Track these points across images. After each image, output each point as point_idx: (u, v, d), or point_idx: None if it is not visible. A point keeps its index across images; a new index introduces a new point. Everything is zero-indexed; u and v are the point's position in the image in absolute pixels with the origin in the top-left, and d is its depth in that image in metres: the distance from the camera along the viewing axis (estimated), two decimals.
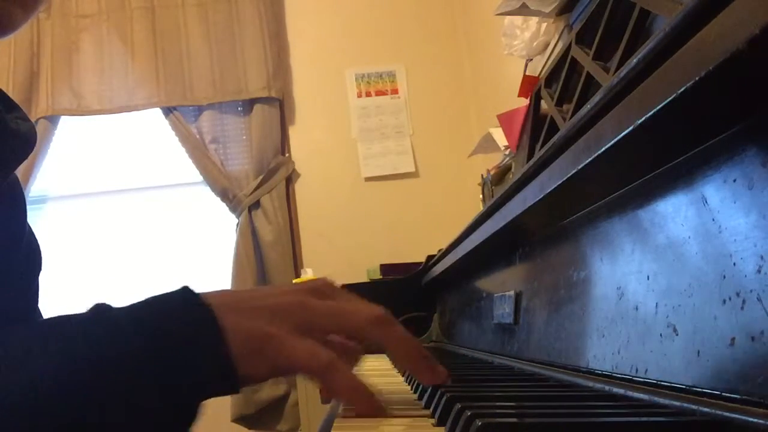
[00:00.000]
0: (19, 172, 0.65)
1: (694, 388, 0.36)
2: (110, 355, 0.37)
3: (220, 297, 0.42)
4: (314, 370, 0.42)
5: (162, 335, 0.38)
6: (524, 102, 1.25)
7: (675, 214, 0.40)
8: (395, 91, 2.92)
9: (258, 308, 0.43)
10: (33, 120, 2.65)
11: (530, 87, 1.15)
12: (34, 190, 2.74)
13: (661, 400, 0.39)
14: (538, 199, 0.57)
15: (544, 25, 1.49)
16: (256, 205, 2.79)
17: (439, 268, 1.32)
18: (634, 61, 0.39)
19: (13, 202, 0.63)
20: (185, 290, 0.42)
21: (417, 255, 1.89)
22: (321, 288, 0.47)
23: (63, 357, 0.36)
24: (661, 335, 0.40)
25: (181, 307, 0.40)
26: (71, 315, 0.40)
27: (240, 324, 0.41)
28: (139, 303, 0.41)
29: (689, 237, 0.38)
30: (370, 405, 0.44)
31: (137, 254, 2.82)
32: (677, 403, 0.37)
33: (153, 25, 2.82)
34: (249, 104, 2.84)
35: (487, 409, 0.37)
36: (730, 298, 0.33)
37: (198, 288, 0.42)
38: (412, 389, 0.61)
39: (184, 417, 0.39)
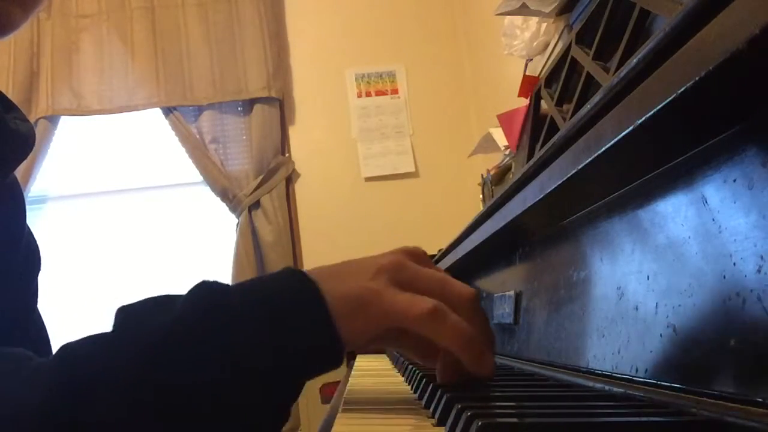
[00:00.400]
0: (19, 172, 0.66)
1: (694, 388, 0.36)
2: (219, 323, 0.37)
3: (321, 270, 0.44)
4: (418, 319, 0.42)
5: (271, 304, 0.39)
6: (524, 102, 1.25)
7: (675, 214, 0.40)
8: (395, 91, 2.92)
9: (358, 271, 0.44)
10: (33, 120, 2.65)
11: (530, 87, 1.15)
12: (34, 190, 2.74)
13: (661, 400, 0.39)
14: (538, 199, 0.57)
15: (544, 25, 1.49)
16: (256, 205, 2.79)
17: None
18: (634, 61, 0.39)
19: (12, 202, 0.63)
20: (287, 268, 0.43)
21: None
22: (418, 254, 0.48)
23: (170, 333, 0.37)
24: (661, 335, 0.40)
25: (286, 279, 0.41)
26: (179, 295, 0.41)
27: (341, 287, 0.42)
28: (245, 283, 0.42)
29: (689, 237, 0.38)
30: (479, 356, 0.43)
31: (137, 254, 2.82)
32: (677, 403, 0.37)
33: (153, 25, 2.82)
34: (249, 104, 2.84)
35: (487, 409, 0.37)
36: (730, 298, 0.33)
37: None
38: (412, 389, 0.61)
39: (289, 391, 0.39)
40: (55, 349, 0.72)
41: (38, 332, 0.68)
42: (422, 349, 0.50)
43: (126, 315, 0.39)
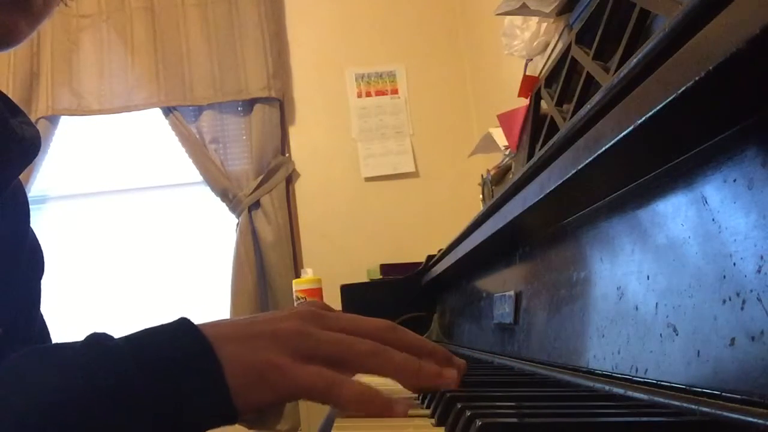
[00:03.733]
0: None
1: (694, 388, 0.36)
2: (106, 384, 0.36)
3: (218, 328, 0.42)
4: (319, 392, 0.42)
5: (159, 366, 0.38)
6: (524, 102, 1.25)
7: (675, 214, 0.40)
8: (395, 91, 2.92)
9: (257, 336, 0.42)
10: (33, 120, 2.65)
11: (530, 87, 1.15)
12: (34, 190, 2.74)
13: (661, 400, 0.39)
14: (538, 199, 0.57)
15: (544, 25, 1.49)
16: (256, 205, 2.79)
17: (439, 268, 1.32)
18: (634, 61, 0.39)
19: (16, 206, 0.63)
20: (183, 321, 0.41)
21: (417, 255, 1.89)
22: (318, 314, 0.46)
23: (58, 387, 0.36)
24: (661, 335, 0.40)
25: (179, 338, 0.40)
26: (68, 343, 0.39)
27: (239, 354, 0.40)
28: (136, 333, 0.40)
29: (689, 237, 0.38)
30: (385, 407, 0.43)
31: (137, 254, 2.82)
32: (677, 403, 0.37)
33: (153, 25, 2.82)
34: (249, 104, 2.84)
35: (487, 409, 0.37)
36: (730, 298, 0.33)
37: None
38: None
39: None
40: None
41: (40, 334, 0.69)
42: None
43: (8, 372, 0.37)
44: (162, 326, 0.41)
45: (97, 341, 0.39)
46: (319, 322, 0.45)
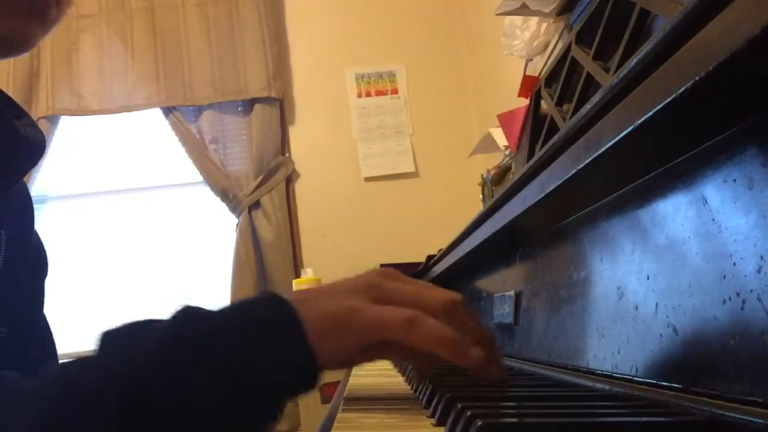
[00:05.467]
0: None
1: (694, 388, 0.36)
2: (204, 345, 0.38)
3: (301, 294, 0.45)
4: (395, 328, 0.43)
5: (250, 328, 0.40)
6: (524, 102, 1.25)
7: (675, 214, 0.40)
8: (395, 91, 2.92)
9: (336, 292, 0.45)
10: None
11: (530, 87, 1.15)
12: (34, 190, 2.74)
13: (661, 400, 0.39)
14: (538, 199, 0.57)
15: (544, 25, 1.49)
16: (256, 205, 2.79)
17: (439, 268, 1.32)
18: (634, 61, 0.39)
19: (22, 208, 0.64)
20: (270, 292, 0.44)
21: (417, 255, 1.89)
22: (392, 273, 0.49)
23: (154, 347, 0.38)
24: (661, 335, 0.40)
25: (265, 303, 0.42)
26: (159, 320, 0.41)
27: (319, 308, 0.43)
28: (227, 306, 0.43)
29: (689, 237, 0.38)
30: (464, 352, 0.43)
31: (137, 254, 2.82)
32: (677, 403, 0.37)
33: (153, 25, 2.82)
34: (249, 104, 2.84)
35: (487, 409, 0.37)
36: (730, 298, 0.33)
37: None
38: (411, 389, 0.61)
39: (267, 411, 0.40)
40: (57, 348, 0.72)
41: (44, 334, 0.69)
42: (410, 359, 0.52)
43: (111, 338, 0.40)
44: (251, 297, 0.44)
45: (191, 312, 0.41)
46: (391, 278, 0.48)
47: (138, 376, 0.36)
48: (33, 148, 0.60)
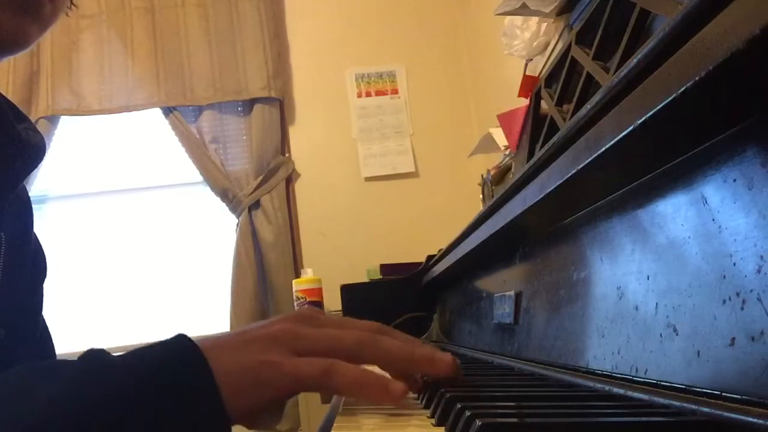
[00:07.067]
0: None
1: (694, 388, 0.36)
2: (100, 401, 0.36)
3: (212, 340, 0.43)
4: (316, 380, 0.42)
5: (150, 377, 0.38)
6: (524, 102, 1.25)
7: (675, 214, 0.40)
8: (395, 91, 2.92)
9: (250, 342, 0.43)
10: (33, 120, 2.65)
11: (530, 87, 1.15)
12: (34, 190, 2.74)
13: (661, 400, 0.39)
14: (538, 199, 0.57)
15: (544, 25, 1.49)
16: (256, 205, 2.79)
17: (439, 268, 1.32)
18: (634, 61, 0.39)
19: (22, 211, 0.64)
20: (179, 336, 0.42)
21: (417, 255, 1.89)
22: (308, 315, 0.47)
23: (54, 402, 0.36)
24: (661, 335, 0.40)
25: (173, 351, 0.40)
26: (65, 360, 0.40)
27: (233, 360, 0.41)
28: (133, 350, 0.41)
29: (689, 237, 0.38)
30: (385, 390, 0.43)
31: (137, 254, 2.82)
32: (677, 403, 0.37)
33: (153, 25, 2.82)
34: (249, 104, 2.84)
35: (487, 409, 0.37)
36: (730, 298, 0.33)
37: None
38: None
39: None
40: (55, 350, 0.72)
41: (42, 336, 0.69)
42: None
43: (6, 385, 0.37)
44: (159, 342, 0.42)
45: (93, 357, 0.39)
46: (309, 322, 0.46)
47: (41, 423, 0.34)
48: (34, 152, 0.60)
